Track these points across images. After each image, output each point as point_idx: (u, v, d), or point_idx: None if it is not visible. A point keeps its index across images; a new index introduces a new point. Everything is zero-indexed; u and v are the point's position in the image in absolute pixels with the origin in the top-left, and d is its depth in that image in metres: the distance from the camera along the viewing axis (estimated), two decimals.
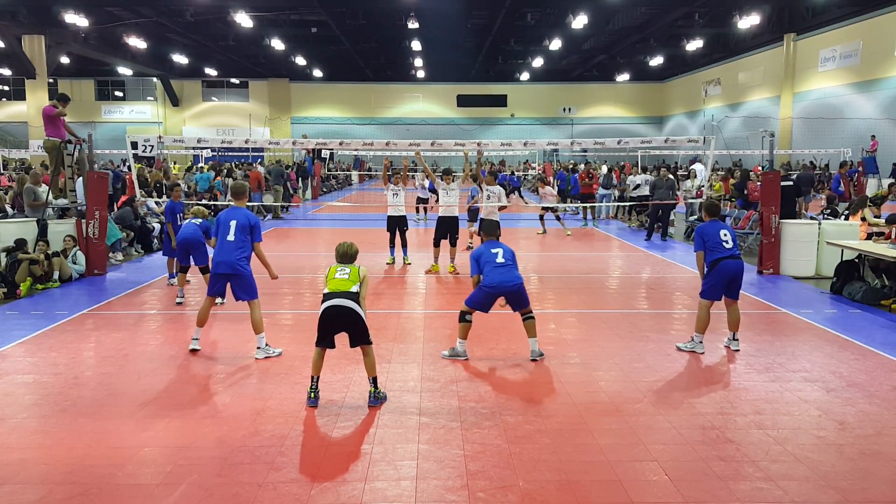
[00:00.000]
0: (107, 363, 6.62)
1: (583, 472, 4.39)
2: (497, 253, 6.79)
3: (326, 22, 32.37)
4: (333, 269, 5.66)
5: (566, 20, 29.98)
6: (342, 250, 5.78)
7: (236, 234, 6.68)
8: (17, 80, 41.43)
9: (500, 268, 6.66)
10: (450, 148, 23.66)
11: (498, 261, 6.71)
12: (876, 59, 28.74)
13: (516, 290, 6.66)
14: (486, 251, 6.83)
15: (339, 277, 5.54)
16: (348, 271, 5.59)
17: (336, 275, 5.57)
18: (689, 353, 6.91)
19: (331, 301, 5.44)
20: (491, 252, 6.80)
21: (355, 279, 5.53)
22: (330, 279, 5.58)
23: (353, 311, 5.41)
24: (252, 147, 32.77)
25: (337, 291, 5.45)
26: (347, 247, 5.78)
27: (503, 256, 6.76)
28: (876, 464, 4.52)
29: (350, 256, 5.75)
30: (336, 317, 5.43)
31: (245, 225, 6.72)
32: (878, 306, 9.00)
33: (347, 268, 5.63)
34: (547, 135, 48.98)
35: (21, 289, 9.58)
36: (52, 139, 11.93)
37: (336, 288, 5.47)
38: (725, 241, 6.89)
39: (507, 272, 6.66)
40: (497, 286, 6.61)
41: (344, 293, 5.43)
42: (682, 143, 19.12)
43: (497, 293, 6.65)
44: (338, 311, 5.41)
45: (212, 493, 4.10)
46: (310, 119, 51.44)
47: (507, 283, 6.61)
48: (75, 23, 29.25)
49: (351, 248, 5.78)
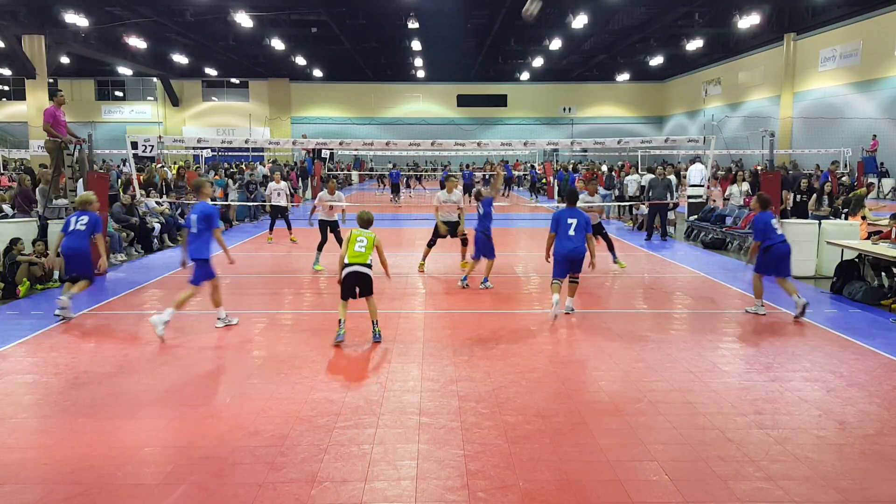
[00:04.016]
0: (107, 363, 6.62)
1: (583, 472, 4.39)
2: (571, 224, 8.13)
3: (326, 22, 32.37)
4: (354, 236, 7.18)
5: (566, 20, 29.99)
6: (365, 217, 7.48)
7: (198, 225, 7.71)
8: (17, 80, 41.47)
9: (569, 241, 8.10)
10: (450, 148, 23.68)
11: (570, 233, 8.11)
12: (876, 59, 28.73)
13: (579, 259, 8.17)
14: (563, 219, 8.18)
15: (357, 251, 7.10)
16: (365, 242, 7.14)
17: (356, 247, 7.12)
18: (689, 354, 6.91)
19: (351, 268, 7.11)
20: (567, 222, 8.13)
21: (370, 249, 7.16)
22: (350, 249, 7.12)
23: (367, 275, 7.14)
24: (252, 147, 32.76)
25: (355, 262, 7.10)
26: (366, 213, 7.52)
27: (574, 229, 8.10)
28: (876, 464, 4.52)
29: (368, 221, 7.45)
30: (355, 278, 7.11)
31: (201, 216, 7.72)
32: (878, 306, 9.00)
33: (364, 238, 7.17)
34: (547, 135, 49.00)
35: (20, 289, 9.58)
36: (54, 139, 11.96)
37: (354, 260, 7.10)
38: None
39: (574, 242, 8.10)
40: (565, 255, 8.12)
41: (361, 264, 7.11)
42: (682, 143, 19.08)
43: (565, 260, 8.12)
44: (356, 275, 7.10)
45: (212, 493, 4.10)
46: (310, 119, 51.44)
47: (573, 253, 8.12)
48: (75, 23, 29.24)
49: (368, 215, 7.50)
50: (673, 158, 32.33)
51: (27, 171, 17.75)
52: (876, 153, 27.36)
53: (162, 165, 23.04)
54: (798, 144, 33.44)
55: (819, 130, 31.49)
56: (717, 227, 15.05)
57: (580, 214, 8.27)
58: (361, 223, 7.44)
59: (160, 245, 14.43)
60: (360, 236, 7.22)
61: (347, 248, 7.17)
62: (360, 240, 7.18)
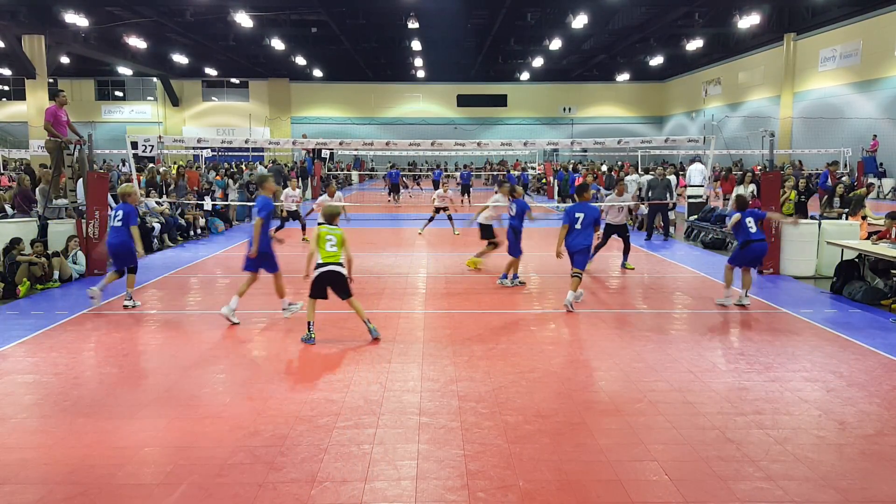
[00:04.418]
0: (107, 363, 6.62)
1: (583, 472, 4.39)
2: (579, 218, 8.61)
3: (326, 22, 32.36)
4: (323, 234, 7.14)
5: (566, 20, 29.98)
6: (330, 212, 7.38)
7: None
8: (17, 80, 41.44)
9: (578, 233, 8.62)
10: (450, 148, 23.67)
11: (577, 227, 8.62)
12: (876, 59, 28.73)
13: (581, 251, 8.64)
14: (572, 213, 8.70)
15: (329, 250, 7.11)
16: (334, 240, 7.11)
17: (327, 246, 7.11)
18: (689, 354, 6.91)
19: (325, 268, 7.11)
20: (575, 216, 8.63)
21: (340, 247, 7.14)
22: (322, 248, 7.11)
23: (340, 273, 7.14)
24: (252, 147, 32.76)
25: (328, 262, 7.11)
26: (330, 208, 7.49)
27: (582, 223, 8.59)
28: (876, 464, 4.52)
29: (333, 216, 7.35)
30: (328, 278, 7.14)
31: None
32: (878, 306, 9.00)
33: (333, 237, 7.11)
34: (547, 134, 49.00)
35: (20, 289, 9.58)
36: (54, 139, 11.96)
37: (328, 259, 7.11)
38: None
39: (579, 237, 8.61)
40: (569, 247, 8.68)
41: (335, 263, 7.12)
42: (682, 143, 19.09)
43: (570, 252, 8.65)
44: (330, 274, 7.12)
45: (212, 493, 4.10)
46: (310, 119, 51.44)
47: (575, 246, 8.65)
48: (75, 23, 29.22)
49: (333, 209, 7.46)
50: (673, 158, 32.34)
51: (27, 171, 17.73)
52: (876, 153, 27.37)
53: (169, 167, 23.02)
54: (798, 144, 33.44)
55: (819, 130, 31.49)
56: (717, 227, 15.05)
57: (589, 209, 8.74)
58: (327, 219, 7.28)
59: (160, 245, 14.42)
60: (329, 234, 7.11)
61: (318, 246, 7.12)
62: (329, 238, 7.10)
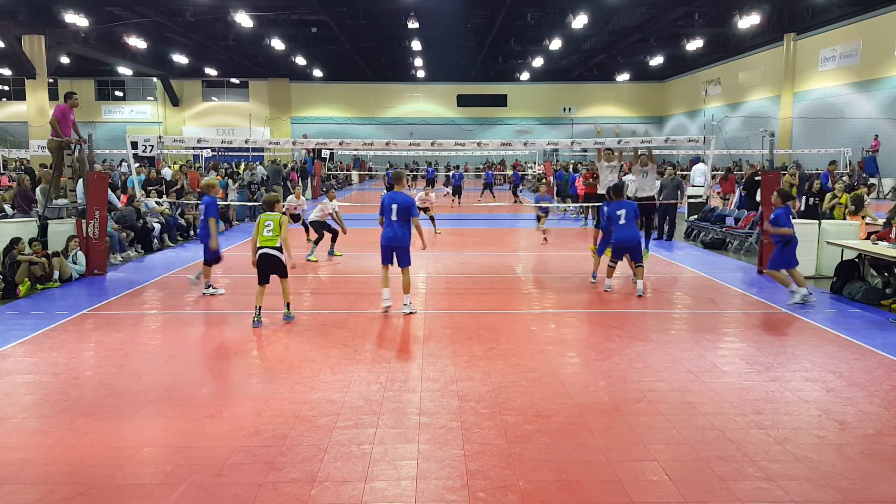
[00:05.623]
0: (107, 363, 6.62)
1: (583, 472, 4.38)
2: (621, 215, 8.91)
3: (326, 22, 32.37)
4: (262, 221, 7.70)
5: (566, 20, 29.99)
6: (269, 199, 8.00)
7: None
8: (17, 80, 41.47)
9: (624, 227, 8.85)
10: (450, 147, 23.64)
11: (621, 222, 8.88)
12: (876, 59, 28.74)
13: (635, 245, 8.98)
14: (613, 210, 8.93)
15: (266, 235, 7.66)
16: (272, 225, 7.62)
17: (265, 231, 7.68)
18: (689, 354, 6.91)
19: (262, 251, 7.73)
20: (616, 213, 8.92)
21: (277, 232, 7.65)
22: (260, 233, 7.70)
23: (277, 258, 7.73)
24: (252, 147, 32.74)
25: (265, 246, 7.71)
26: (270, 196, 8.09)
27: (626, 217, 8.85)
28: (876, 464, 4.52)
29: (272, 203, 7.94)
30: (267, 262, 7.73)
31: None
32: (878, 306, 9.00)
33: (271, 222, 7.63)
34: (547, 135, 49.00)
35: (20, 289, 9.58)
36: (57, 139, 11.96)
37: (265, 244, 7.72)
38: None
39: (627, 230, 8.84)
40: (620, 241, 8.85)
41: (271, 247, 7.71)
42: (683, 142, 19.11)
43: (621, 247, 8.87)
44: (267, 257, 7.72)
45: (212, 493, 4.10)
46: (310, 119, 51.46)
47: (628, 240, 8.87)
48: (75, 23, 29.25)
49: (273, 197, 8.07)
50: (673, 158, 32.33)
51: (27, 171, 17.73)
52: (877, 153, 27.37)
53: (178, 168, 23.00)
54: (798, 144, 33.44)
55: (819, 130, 31.49)
56: (717, 227, 15.05)
57: (629, 205, 9.25)
58: (267, 206, 7.95)
59: (160, 245, 14.42)
60: (268, 220, 7.70)
61: (257, 232, 7.75)
62: (267, 224, 7.68)
